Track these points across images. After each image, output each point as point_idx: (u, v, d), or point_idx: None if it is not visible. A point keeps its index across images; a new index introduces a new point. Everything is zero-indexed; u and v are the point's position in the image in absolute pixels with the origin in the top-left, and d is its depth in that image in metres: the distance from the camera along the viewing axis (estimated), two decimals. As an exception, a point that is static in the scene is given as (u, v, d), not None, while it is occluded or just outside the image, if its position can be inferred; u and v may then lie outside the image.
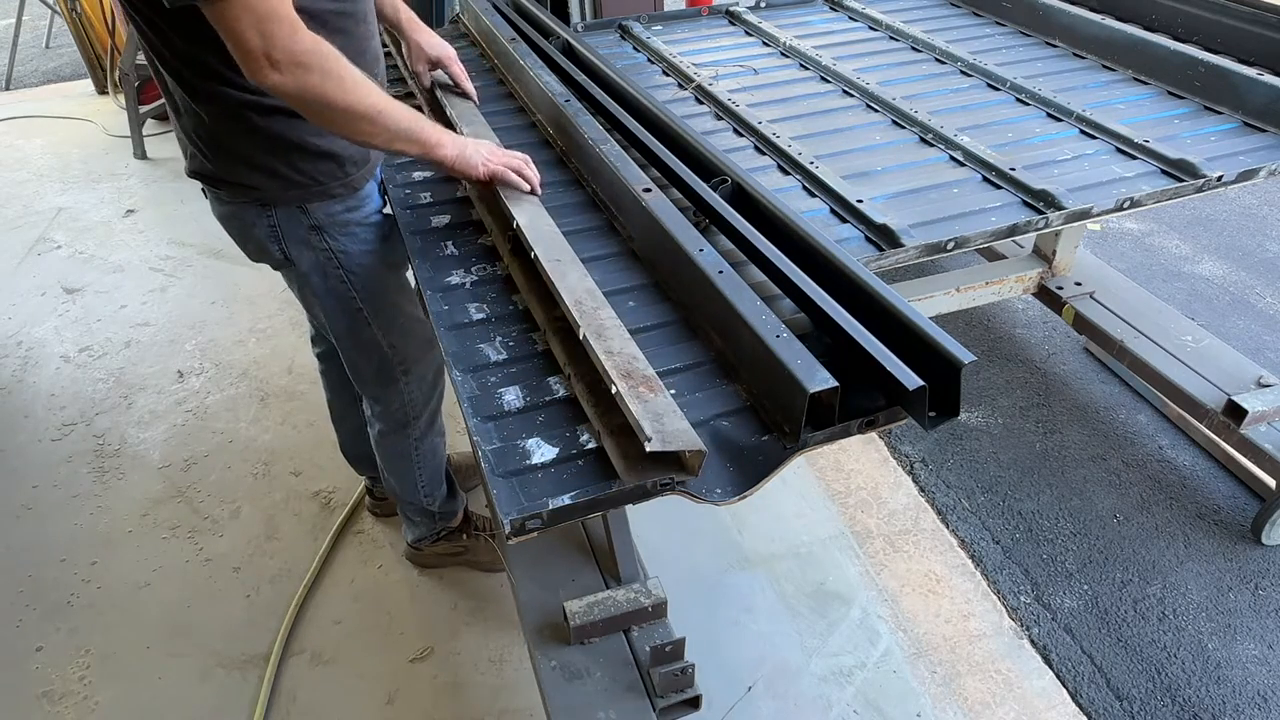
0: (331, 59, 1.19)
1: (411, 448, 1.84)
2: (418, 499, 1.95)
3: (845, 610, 2.01)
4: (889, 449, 2.49)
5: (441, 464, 1.95)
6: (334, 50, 1.20)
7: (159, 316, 3.11)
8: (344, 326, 1.61)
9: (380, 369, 1.69)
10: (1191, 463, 2.40)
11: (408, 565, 2.14)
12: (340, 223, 1.49)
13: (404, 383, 1.72)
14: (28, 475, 2.47)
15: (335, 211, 1.47)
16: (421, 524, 2.03)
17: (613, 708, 1.39)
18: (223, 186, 1.44)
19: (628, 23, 2.42)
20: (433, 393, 1.82)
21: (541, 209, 1.42)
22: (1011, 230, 1.52)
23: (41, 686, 1.91)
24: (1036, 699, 1.83)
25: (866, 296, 1.15)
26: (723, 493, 1.02)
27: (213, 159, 1.40)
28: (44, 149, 4.39)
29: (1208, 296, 3.04)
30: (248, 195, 1.43)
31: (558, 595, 1.53)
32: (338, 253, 1.51)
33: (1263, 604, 2.03)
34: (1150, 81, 2.03)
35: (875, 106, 1.94)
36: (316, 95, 1.19)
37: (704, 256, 1.25)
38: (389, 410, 1.77)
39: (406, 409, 1.77)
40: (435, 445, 1.89)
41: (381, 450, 1.88)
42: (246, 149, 1.37)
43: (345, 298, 1.56)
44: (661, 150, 1.54)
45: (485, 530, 2.10)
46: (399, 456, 1.87)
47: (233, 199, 1.45)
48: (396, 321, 1.65)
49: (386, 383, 1.72)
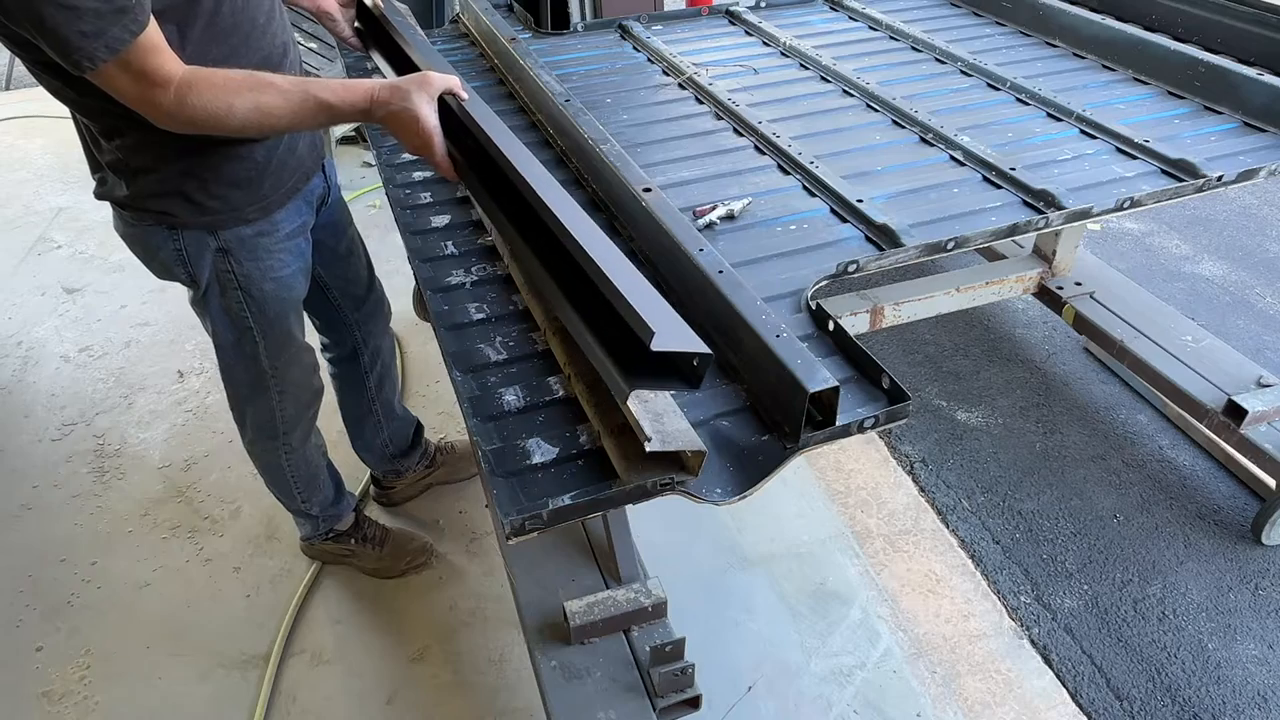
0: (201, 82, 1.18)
1: (283, 458, 1.84)
2: (295, 504, 1.95)
3: (845, 610, 2.00)
4: (889, 449, 2.49)
5: (318, 472, 1.94)
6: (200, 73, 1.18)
7: (159, 316, 3.11)
8: (230, 340, 1.60)
9: (255, 383, 1.68)
10: (1191, 463, 2.39)
11: (408, 565, 2.14)
12: (249, 246, 1.47)
13: (277, 399, 1.71)
14: (28, 475, 2.47)
15: (245, 235, 1.46)
16: (305, 524, 2.04)
17: (613, 708, 1.39)
18: (129, 209, 1.42)
19: (628, 23, 2.42)
20: (306, 411, 1.80)
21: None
22: (1011, 230, 1.52)
23: (41, 686, 1.91)
24: (1036, 699, 1.83)
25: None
26: (723, 493, 1.02)
27: (126, 185, 1.38)
28: (44, 149, 4.39)
29: (1208, 296, 3.04)
30: (157, 220, 1.41)
31: (558, 595, 1.53)
32: (239, 276, 1.49)
33: (1263, 604, 2.03)
34: (1150, 81, 2.03)
35: (875, 106, 1.94)
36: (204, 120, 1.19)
37: (704, 256, 1.26)
38: (258, 420, 1.76)
39: (276, 422, 1.76)
40: (308, 455, 1.88)
41: (253, 457, 1.87)
42: (160, 177, 1.36)
43: (238, 317, 1.55)
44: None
45: (374, 539, 2.09)
46: (271, 466, 1.86)
47: (138, 221, 1.43)
48: (286, 350, 1.65)
49: (259, 394, 1.71)
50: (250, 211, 1.44)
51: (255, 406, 1.74)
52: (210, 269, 1.47)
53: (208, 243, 1.44)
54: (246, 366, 1.65)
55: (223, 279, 1.49)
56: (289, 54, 1.46)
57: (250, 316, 1.55)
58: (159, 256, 1.46)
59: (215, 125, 1.20)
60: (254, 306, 1.54)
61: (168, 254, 1.45)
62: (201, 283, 1.49)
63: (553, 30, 2.40)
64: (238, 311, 1.54)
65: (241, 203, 1.43)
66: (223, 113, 1.19)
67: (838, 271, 1.39)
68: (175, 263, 1.46)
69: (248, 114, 1.20)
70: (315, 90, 1.23)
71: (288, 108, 1.22)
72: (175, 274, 1.49)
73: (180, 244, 1.43)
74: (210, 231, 1.43)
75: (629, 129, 1.86)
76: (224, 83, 1.19)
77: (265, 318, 1.57)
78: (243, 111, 1.20)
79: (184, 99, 1.16)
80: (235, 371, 1.68)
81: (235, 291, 1.51)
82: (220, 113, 1.19)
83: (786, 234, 1.50)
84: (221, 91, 1.18)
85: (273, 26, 1.40)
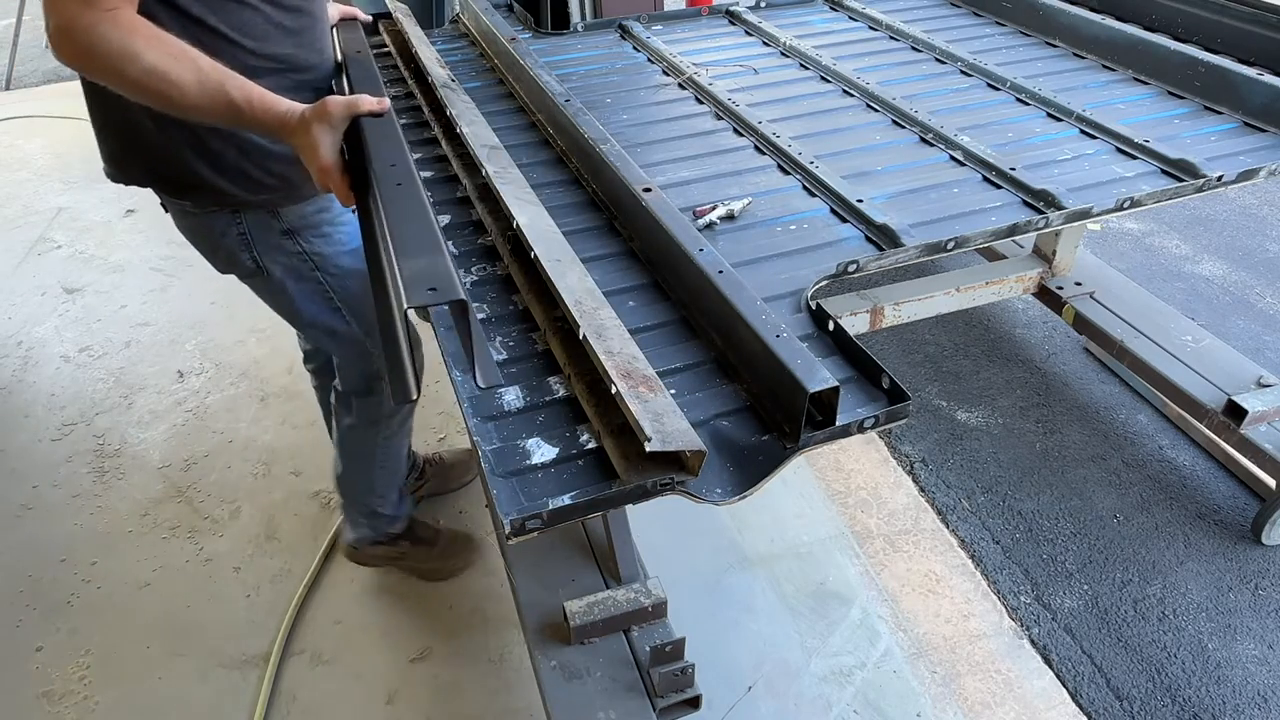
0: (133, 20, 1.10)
1: (378, 446, 1.82)
2: (369, 500, 1.92)
3: (845, 610, 2.00)
4: (889, 449, 2.49)
5: (401, 467, 1.92)
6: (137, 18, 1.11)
7: (159, 316, 3.11)
8: (324, 328, 1.59)
9: (365, 366, 1.67)
10: (1191, 463, 2.39)
11: (408, 565, 2.14)
12: (313, 224, 1.46)
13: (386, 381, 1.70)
14: (28, 475, 2.47)
15: (308, 213, 1.44)
16: (365, 526, 2.00)
17: (613, 708, 1.39)
18: (188, 195, 1.39)
19: (628, 23, 2.42)
20: None
21: (542, 209, 1.42)
22: (1011, 230, 1.52)
23: (41, 686, 1.91)
24: (1036, 699, 1.83)
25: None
26: (723, 493, 1.02)
27: (176, 164, 1.36)
28: (44, 149, 4.39)
29: (1208, 296, 3.04)
30: (216, 201, 1.39)
31: (558, 595, 1.53)
32: (312, 255, 1.47)
33: (1263, 604, 2.03)
34: (1150, 81, 2.03)
35: (875, 106, 1.94)
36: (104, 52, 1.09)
37: (704, 256, 1.26)
38: (365, 405, 1.75)
39: (382, 405, 1.75)
40: (399, 448, 1.87)
41: (346, 445, 1.84)
42: (215, 151, 1.34)
43: (324, 298, 1.53)
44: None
45: (427, 539, 2.08)
46: (362, 454, 1.84)
47: (199, 208, 1.41)
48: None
49: (372, 379, 1.70)
50: (307, 188, 1.41)
51: (370, 390, 1.72)
52: (282, 253, 1.45)
53: (271, 225, 1.42)
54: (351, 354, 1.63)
55: (297, 265, 1.47)
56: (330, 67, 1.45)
57: (336, 296, 1.53)
58: (223, 244, 1.44)
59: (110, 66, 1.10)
60: (337, 285, 1.52)
61: (232, 239, 1.43)
62: (271, 270, 1.46)
63: (553, 30, 2.40)
64: (323, 294, 1.52)
65: (298, 179, 1.39)
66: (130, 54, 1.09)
67: (838, 271, 1.39)
68: (240, 247, 1.44)
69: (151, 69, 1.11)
70: (234, 88, 1.17)
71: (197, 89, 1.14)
72: (240, 262, 1.46)
73: (244, 227, 1.42)
74: (272, 213, 1.41)
75: (629, 129, 1.86)
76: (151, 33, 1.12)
77: (354, 295, 1.54)
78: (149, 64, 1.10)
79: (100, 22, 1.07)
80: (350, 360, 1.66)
81: (314, 273, 1.49)
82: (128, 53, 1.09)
83: (786, 234, 1.50)
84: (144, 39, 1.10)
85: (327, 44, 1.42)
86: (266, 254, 1.45)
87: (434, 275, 0.90)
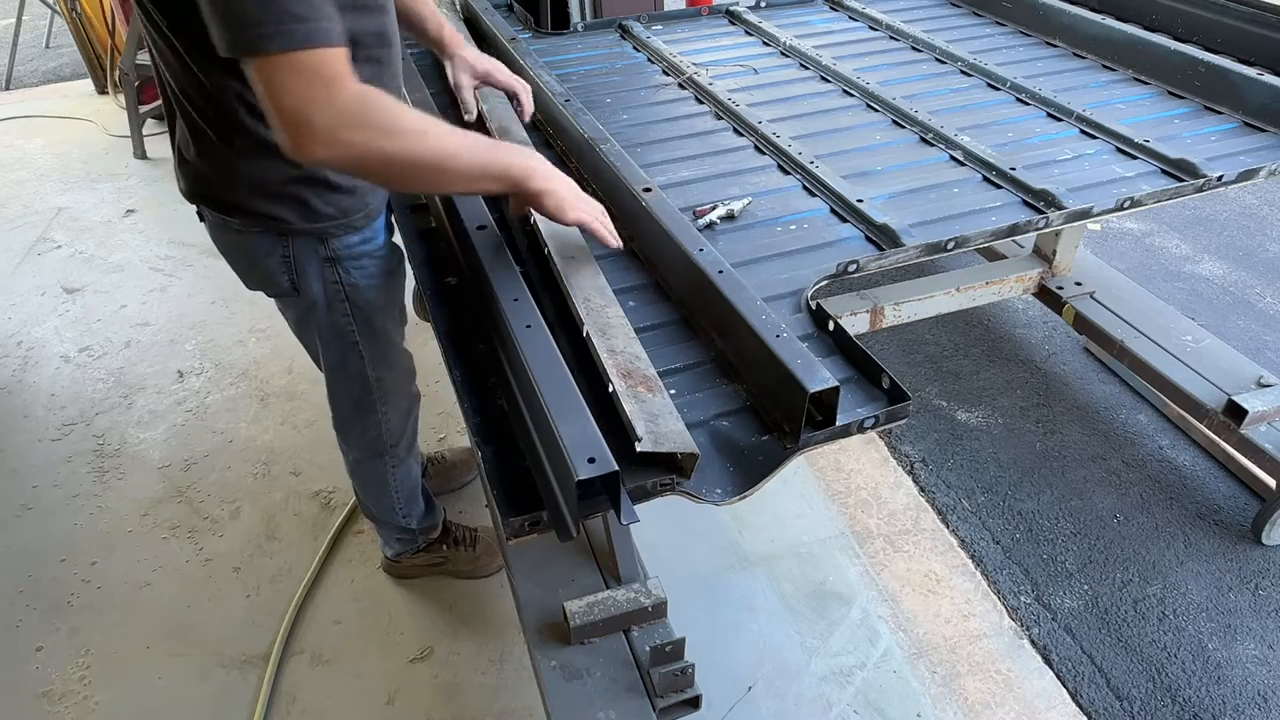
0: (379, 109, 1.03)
1: (388, 474, 1.82)
2: (396, 520, 1.93)
3: (845, 610, 2.00)
4: (889, 449, 2.49)
5: (417, 483, 1.92)
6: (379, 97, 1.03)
7: (159, 316, 3.11)
8: (337, 358, 1.57)
9: (361, 400, 1.66)
10: (1191, 463, 2.39)
11: (408, 565, 2.14)
12: (355, 255, 1.43)
13: (382, 413, 1.69)
14: (28, 475, 2.47)
15: (353, 243, 1.42)
16: (402, 540, 2.01)
17: (613, 708, 1.39)
18: (235, 214, 1.34)
19: (628, 22, 2.42)
20: (408, 420, 1.79)
21: None
22: (1012, 230, 1.52)
23: (41, 686, 1.91)
24: (1036, 699, 1.83)
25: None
26: (723, 493, 1.02)
27: (231, 187, 1.31)
28: (44, 149, 4.39)
29: (1208, 296, 3.04)
30: (265, 225, 1.35)
31: (558, 595, 1.53)
32: (347, 286, 1.45)
33: (1263, 604, 2.03)
34: (1150, 81, 2.03)
35: (875, 106, 1.94)
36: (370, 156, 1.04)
37: (704, 256, 1.26)
38: (365, 438, 1.74)
39: (384, 437, 1.74)
40: (410, 468, 1.86)
41: (358, 477, 1.85)
42: (275, 181, 1.29)
43: (345, 330, 1.52)
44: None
45: (465, 541, 2.08)
46: (376, 483, 1.84)
47: (245, 228, 1.36)
48: (387, 355, 1.62)
49: (366, 413, 1.69)
50: (358, 218, 1.39)
51: (363, 424, 1.71)
52: (319, 280, 1.43)
53: (316, 250, 1.39)
54: (353, 384, 1.62)
55: (330, 291, 1.44)
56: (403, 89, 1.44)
57: (356, 329, 1.51)
58: (264, 264, 1.40)
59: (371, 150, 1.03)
60: (360, 317, 1.50)
61: (274, 262, 1.39)
62: (306, 294, 1.44)
63: (553, 30, 2.40)
64: (345, 325, 1.50)
65: (352, 209, 1.37)
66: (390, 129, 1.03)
67: (838, 271, 1.39)
68: (280, 271, 1.40)
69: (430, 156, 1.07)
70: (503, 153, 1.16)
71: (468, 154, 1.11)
72: (276, 283, 1.43)
73: (289, 251, 1.38)
74: (320, 240, 1.38)
75: (629, 129, 1.86)
76: (398, 106, 1.06)
77: (371, 329, 1.53)
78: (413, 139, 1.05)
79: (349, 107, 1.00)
80: (343, 391, 1.65)
81: (343, 304, 1.46)
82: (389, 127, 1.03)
83: (786, 234, 1.50)
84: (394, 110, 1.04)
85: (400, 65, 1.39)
86: (305, 278, 1.42)
87: (587, 443, 0.93)
